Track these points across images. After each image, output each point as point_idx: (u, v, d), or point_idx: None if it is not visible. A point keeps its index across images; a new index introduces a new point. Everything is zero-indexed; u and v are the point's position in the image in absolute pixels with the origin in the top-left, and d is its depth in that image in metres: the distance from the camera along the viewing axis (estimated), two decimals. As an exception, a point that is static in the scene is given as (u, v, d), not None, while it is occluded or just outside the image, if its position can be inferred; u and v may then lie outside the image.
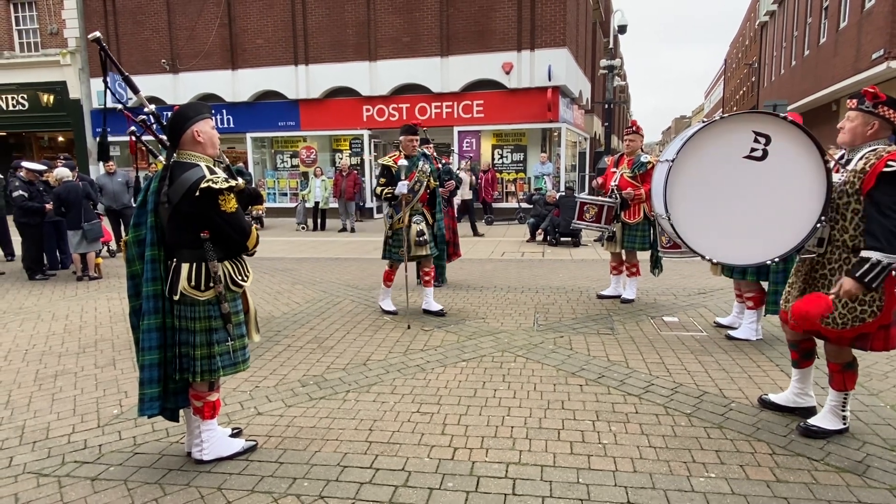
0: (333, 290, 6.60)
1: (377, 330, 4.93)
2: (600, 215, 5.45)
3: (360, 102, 15.94)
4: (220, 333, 2.58)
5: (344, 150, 16.91)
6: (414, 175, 5.00)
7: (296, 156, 17.16)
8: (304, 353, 4.37)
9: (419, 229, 5.02)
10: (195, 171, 2.47)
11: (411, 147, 4.98)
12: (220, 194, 2.43)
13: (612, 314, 5.29)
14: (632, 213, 5.48)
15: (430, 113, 15.46)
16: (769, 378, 3.69)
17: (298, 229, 13.64)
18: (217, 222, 2.48)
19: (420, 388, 3.62)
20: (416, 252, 5.02)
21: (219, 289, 2.55)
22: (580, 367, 3.92)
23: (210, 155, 2.60)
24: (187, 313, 2.57)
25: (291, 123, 16.58)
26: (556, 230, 10.21)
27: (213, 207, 2.45)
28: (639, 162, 5.43)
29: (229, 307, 2.59)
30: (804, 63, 20.18)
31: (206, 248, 2.52)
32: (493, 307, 5.63)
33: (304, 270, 8.06)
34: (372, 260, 8.95)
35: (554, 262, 8.45)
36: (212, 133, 2.60)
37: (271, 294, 6.50)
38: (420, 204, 5.08)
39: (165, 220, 2.54)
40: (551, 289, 6.48)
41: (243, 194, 2.73)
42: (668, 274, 6.94)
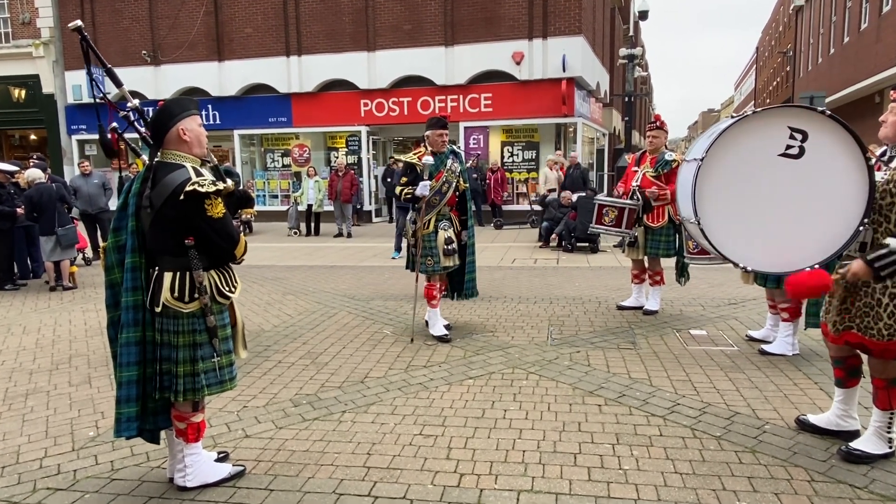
0: (328, 301, 6.61)
1: (376, 344, 4.93)
2: (621, 218, 5.45)
3: (358, 96, 16.04)
4: (205, 349, 2.59)
5: (340, 149, 17.01)
6: (442, 174, 4.79)
7: (287, 154, 17.27)
8: (297, 369, 4.38)
9: (447, 236, 4.82)
10: (180, 173, 2.49)
11: (440, 143, 4.81)
12: (206, 198, 2.45)
13: (634, 327, 5.28)
14: (655, 216, 5.48)
15: (433, 107, 15.53)
16: (807, 397, 3.67)
17: (290, 234, 13.71)
18: (203, 228, 2.49)
19: (423, 408, 3.62)
20: (443, 262, 4.83)
21: (204, 300, 2.56)
22: (598, 385, 3.92)
23: (197, 155, 2.61)
24: (170, 326, 2.58)
25: (283, 119, 16.70)
26: (571, 234, 10.21)
27: (199, 212, 2.46)
28: (663, 160, 5.43)
29: (215, 320, 2.60)
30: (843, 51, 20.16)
31: (190, 255, 2.53)
32: (502, 319, 5.63)
33: (296, 279, 8.08)
34: (370, 268, 8.97)
35: (569, 270, 8.45)
36: (199, 131, 2.61)
37: (260, 305, 6.52)
38: (448, 208, 4.89)
39: (147, 226, 2.56)
40: (567, 299, 6.48)
41: (232, 197, 2.74)
42: (695, 282, 6.92)
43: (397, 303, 6.47)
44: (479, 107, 15.33)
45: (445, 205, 4.86)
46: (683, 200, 3.36)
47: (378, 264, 9.33)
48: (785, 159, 2.95)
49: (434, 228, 4.83)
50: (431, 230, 4.83)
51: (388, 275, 8.32)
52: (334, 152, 17.08)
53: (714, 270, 7.65)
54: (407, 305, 6.33)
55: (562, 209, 10.84)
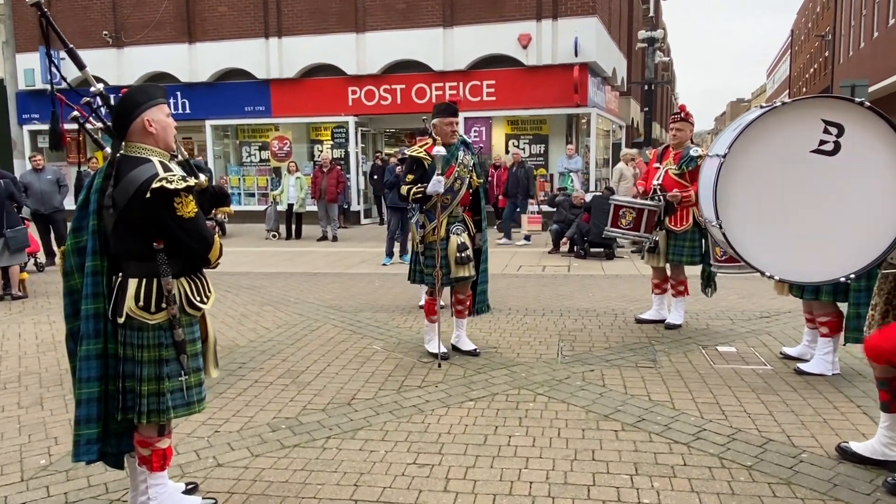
0: (311, 313, 6.61)
1: (364, 362, 4.93)
2: (639, 221, 5.47)
3: (345, 83, 16.08)
4: (171, 366, 2.59)
5: (325, 141, 17.04)
6: (453, 169, 4.65)
7: (266, 148, 17.30)
8: (275, 390, 4.37)
9: (460, 242, 4.66)
10: (146, 168, 2.49)
11: (449, 133, 4.67)
12: (176, 196, 2.45)
13: (655, 343, 5.29)
14: (678, 219, 5.50)
15: (429, 95, 15.58)
16: (849, 422, 3.67)
17: (268, 237, 13.71)
18: (172, 230, 2.50)
19: (417, 433, 3.62)
20: (456, 273, 4.66)
21: (172, 311, 2.56)
22: (615, 408, 3.92)
23: (164, 148, 2.62)
24: (133, 339, 2.57)
25: (260, 108, 16.74)
26: (584, 239, 10.24)
27: (168, 212, 2.46)
28: (687, 156, 5.44)
29: (184, 334, 2.60)
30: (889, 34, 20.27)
31: (158, 260, 2.53)
32: (507, 334, 5.63)
33: (275, 288, 8.08)
34: (358, 276, 8.97)
35: (582, 279, 8.46)
36: (166, 122, 2.62)
37: (234, 317, 6.52)
38: (461, 208, 4.76)
39: (110, 227, 2.56)
40: (579, 311, 6.48)
41: (205, 194, 2.75)
42: (722, 293, 6.93)
43: (388, 315, 6.47)
44: (482, 95, 15.38)
45: (458, 204, 4.76)
46: (705, 201, 3.37)
47: (367, 271, 9.33)
48: (818, 156, 2.96)
49: (445, 233, 4.71)
50: (442, 235, 4.69)
51: (379, 283, 8.32)
52: (318, 145, 17.10)
53: (744, 280, 7.67)
54: (399, 318, 6.33)
55: (573, 210, 10.87)
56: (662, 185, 5.51)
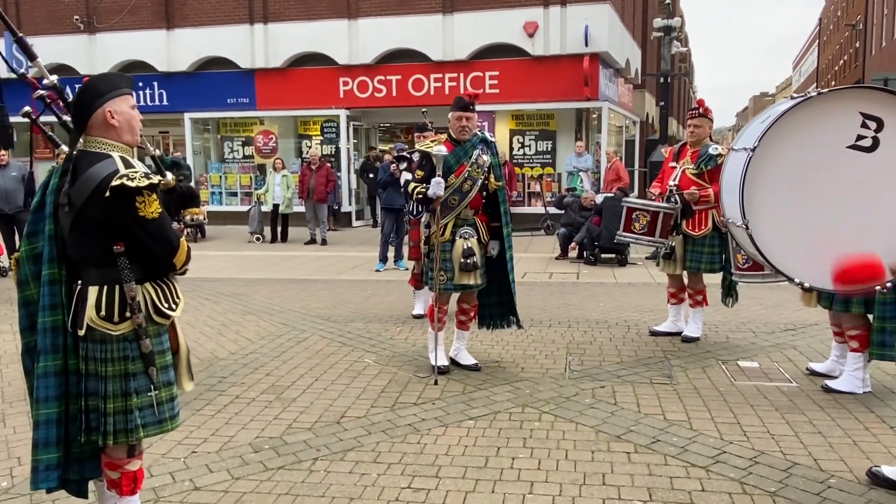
0: (298, 323, 6.61)
1: (356, 376, 4.92)
2: (654, 225, 5.47)
3: (336, 73, 16.11)
4: (139, 380, 2.58)
5: (314, 137, 17.06)
6: (464, 168, 4.70)
7: (250, 143, 17.32)
8: (258, 406, 4.36)
9: (466, 247, 4.70)
10: (105, 164, 2.48)
11: (459, 128, 4.72)
12: (137, 194, 2.44)
13: (671, 357, 5.29)
14: (697, 223, 5.50)
15: (427, 87, 15.62)
16: (881, 445, 3.67)
17: (252, 240, 13.71)
18: (134, 231, 2.49)
19: (413, 455, 3.61)
20: (459, 280, 4.71)
21: (138, 320, 2.55)
22: (627, 428, 3.92)
23: (127, 142, 2.61)
24: (96, 353, 2.56)
25: (244, 100, 16.76)
26: (595, 244, 10.26)
27: (129, 212, 2.45)
28: (706, 154, 5.46)
29: (151, 344, 2.59)
30: (924, 24, 20.32)
31: (119, 265, 2.53)
32: (509, 346, 5.64)
33: (258, 296, 8.07)
34: (349, 283, 8.97)
35: (592, 287, 8.46)
36: (131, 114, 2.61)
37: (214, 327, 6.51)
38: (471, 211, 4.80)
39: (67, 229, 2.55)
40: (588, 322, 6.49)
41: (172, 194, 2.74)
42: (744, 303, 6.93)
43: (382, 325, 6.46)
44: (484, 87, 15.39)
45: (468, 207, 4.77)
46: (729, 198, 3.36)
47: (359, 278, 9.33)
48: (855, 152, 2.95)
49: (451, 236, 4.75)
50: (448, 238, 4.74)
51: (372, 291, 8.31)
52: (307, 141, 17.12)
53: (768, 289, 7.67)
54: (394, 328, 6.33)
55: (583, 212, 10.88)
56: (679, 185, 5.51)
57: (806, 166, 3.03)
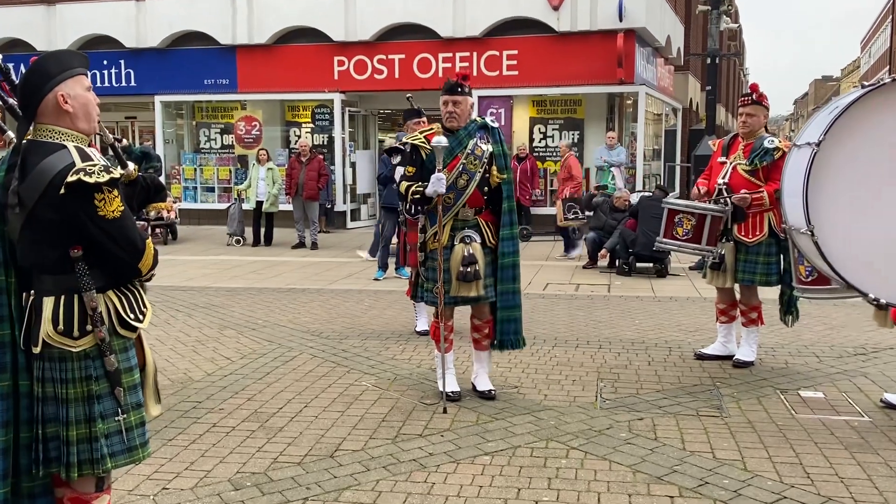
0: (284, 339, 6.61)
1: (352, 402, 4.90)
2: (700, 230, 5.45)
3: (330, 51, 16.17)
4: (105, 402, 2.58)
5: (304, 124, 17.11)
6: (458, 161, 4.70)
7: (230, 131, 17.39)
8: (239, 437, 4.35)
9: (467, 253, 4.69)
10: (59, 157, 2.49)
11: (446, 114, 4.76)
12: (97, 191, 2.45)
13: (720, 385, 5.26)
14: (750, 228, 5.47)
15: (435, 68, 15.65)
16: (970, 491, 3.63)
17: (231, 243, 13.74)
18: (93, 233, 2.50)
19: (418, 495, 3.59)
20: (457, 291, 4.70)
21: (101, 334, 2.55)
22: (670, 468, 3.89)
23: (83, 130, 2.62)
24: (54, 373, 2.56)
25: (224, 82, 16.84)
26: (629, 251, 10.23)
27: (87, 211, 2.46)
28: (761, 148, 5.42)
29: (118, 361, 2.60)
30: None
31: (78, 272, 2.53)
32: (531, 370, 5.61)
33: (238, 307, 8.08)
34: (344, 293, 8.97)
35: (627, 301, 8.43)
36: (86, 97, 2.62)
37: (187, 344, 6.52)
38: (471, 211, 4.79)
39: (16, 233, 2.55)
40: (622, 343, 6.46)
41: (135, 186, 2.75)
42: (806, 322, 6.89)
43: (381, 343, 6.46)
44: (500, 69, 15.43)
45: (467, 206, 4.76)
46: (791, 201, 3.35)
47: (355, 287, 9.33)
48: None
49: (450, 241, 4.74)
50: (446, 243, 4.73)
51: (370, 303, 8.30)
52: (295, 129, 17.17)
53: (834, 306, 7.63)
54: (395, 346, 6.32)
55: (615, 214, 10.86)
56: (729, 184, 5.49)
57: (879, 164, 3.03)
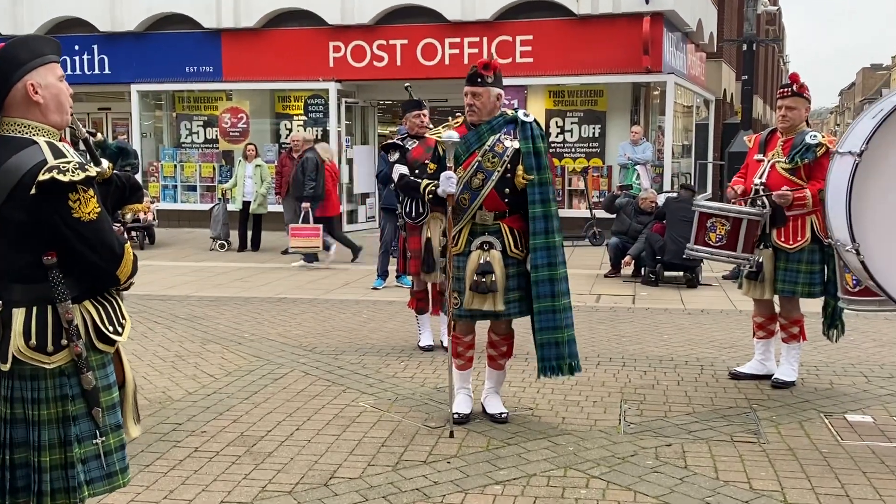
0: (273, 355, 6.63)
1: (348, 425, 4.91)
2: (735, 235, 5.44)
3: (325, 36, 16.20)
4: (82, 424, 2.58)
5: (296, 116, 17.14)
6: (474, 158, 4.74)
7: (214, 124, 17.42)
8: (223, 463, 4.36)
9: (483, 261, 4.71)
10: (29, 154, 2.50)
11: (466, 107, 4.78)
12: (71, 191, 2.46)
13: (758, 407, 5.24)
14: (791, 232, 5.47)
15: (441, 55, 15.67)
16: None
17: (215, 247, 13.77)
18: (67, 237, 2.51)
19: (422, 529, 3.60)
20: (470, 303, 4.73)
21: (77, 349, 2.56)
22: (701, 499, 3.88)
23: (54, 123, 2.64)
24: (25, 393, 2.56)
25: (207, 69, 16.88)
26: (656, 258, 10.22)
27: (61, 213, 2.47)
28: (802, 144, 5.42)
29: (95, 379, 2.60)
30: None
31: (51, 280, 2.54)
32: (546, 390, 5.61)
33: (223, 319, 8.10)
34: (340, 304, 8.99)
35: (654, 314, 8.43)
36: (58, 87, 2.63)
37: (167, 360, 6.53)
38: (489, 215, 4.79)
39: None
40: (649, 360, 6.46)
41: (109, 186, 2.77)
42: (853, 338, 6.88)
43: (381, 359, 6.47)
44: (514, 56, 15.44)
45: (484, 209, 4.76)
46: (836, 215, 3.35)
47: (352, 297, 9.35)
48: None
49: (466, 247, 4.77)
50: (461, 249, 4.77)
51: (368, 315, 8.32)
52: (286, 122, 17.21)
53: (885, 320, 7.61)
54: (396, 363, 6.33)
55: (640, 217, 10.85)
56: (767, 184, 5.49)
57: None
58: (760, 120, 34.18)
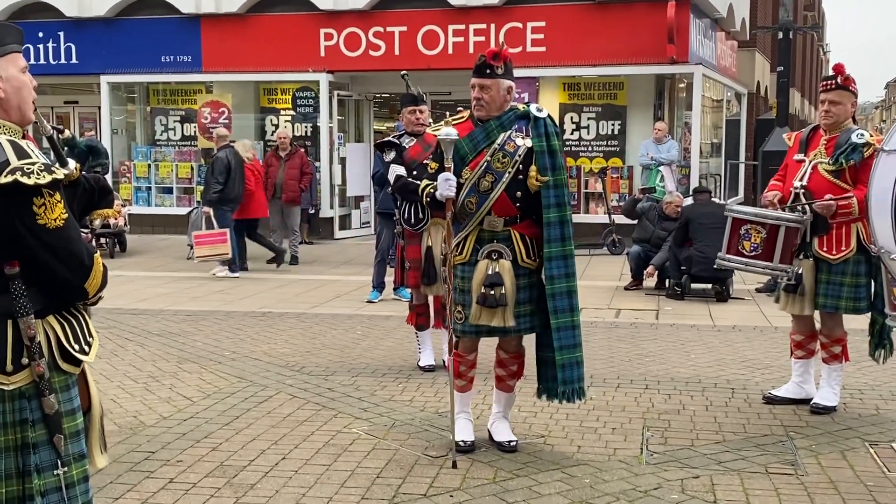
0: (257, 375, 6.62)
1: (340, 454, 4.90)
2: (772, 244, 5.42)
3: (316, 22, 16.24)
4: (42, 453, 2.59)
5: (283, 111, 17.17)
6: (482, 158, 4.73)
7: (192, 119, 17.45)
8: (202, 495, 4.35)
9: (491, 271, 4.72)
10: None
11: (473, 101, 4.77)
12: (36, 195, 2.47)
13: (795, 435, 5.23)
14: (834, 241, 5.45)
15: (444, 43, 15.71)
16: None
17: (192, 256, 13.75)
18: (31, 246, 2.51)
19: (422, 570, 3.59)
20: (477, 317, 4.72)
21: (39, 369, 2.56)
22: (733, 537, 3.87)
23: (17, 121, 2.65)
24: (-17, 416, 2.58)
25: (185, 59, 16.93)
26: (681, 268, 10.20)
27: (24, 219, 2.48)
28: (848, 143, 5.40)
29: (58, 402, 2.60)
30: None
31: (13, 292, 2.54)
32: (560, 415, 5.61)
33: (201, 335, 8.10)
34: (330, 318, 8.99)
35: (679, 331, 8.41)
36: (21, 80, 2.65)
37: (139, 380, 6.53)
38: (499, 220, 4.77)
39: None
40: (674, 382, 6.45)
41: (76, 190, 2.77)
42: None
43: (376, 380, 6.46)
44: (524, 44, 15.46)
45: (493, 213, 4.75)
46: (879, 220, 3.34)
47: (344, 311, 9.36)
48: None
49: (472, 256, 4.77)
50: (467, 258, 4.78)
51: (362, 331, 8.32)
52: (273, 117, 17.23)
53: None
54: (393, 385, 6.33)
55: (665, 223, 10.83)
56: (808, 187, 5.48)
57: None
58: (797, 115, 34.18)
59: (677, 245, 10.15)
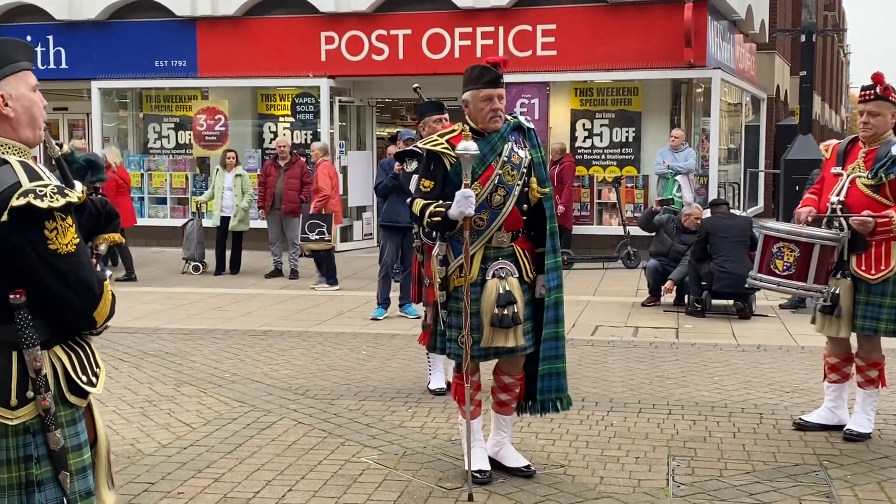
0: (259, 399, 6.61)
1: (349, 485, 4.88)
2: (806, 263, 5.42)
3: (317, 26, 16.29)
4: (47, 491, 2.58)
5: (282, 118, 17.19)
6: (491, 171, 4.76)
7: (188, 126, 17.47)
8: (203, 530, 4.34)
9: (503, 291, 4.72)
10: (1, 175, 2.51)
11: (488, 114, 4.77)
12: (48, 218, 2.47)
13: (829, 464, 5.20)
14: (874, 260, 5.43)
15: (450, 47, 15.74)
16: None
17: (188, 270, 13.79)
18: (40, 272, 2.51)
19: None
20: (490, 340, 4.73)
21: (45, 402, 2.55)
22: (769, 577, 3.84)
23: (27, 140, 2.65)
24: (-15, 453, 2.58)
25: (180, 64, 16.97)
26: (702, 284, 10.17)
27: (35, 244, 2.48)
28: (888, 157, 5.38)
29: (64, 438, 2.60)
30: None
31: (19, 322, 2.54)
32: (580, 443, 5.59)
33: (199, 356, 8.09)
34: (334, 337, 8.98)
35: (701, 351, 8.39)
36: (31, 99, 2.66)
37: (135, 405, 6.52)
38: (507, 235, 4.84)
39: None
40: (699, 407, 6.42)
41: (82, 214, 2.76)
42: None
43: (384, 405, 6.44)
44: (534, 48, 15.49)
45: (502, 229, 4.80)
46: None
47: (348, 329, 9.35)
48: None
49: (480, 275, 4.77)
50: (474, 278, 4.76)
51: (368, 350, 8.30)
52: (271, 124, 17.25)
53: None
54: (403, 410, 6.31)
55: (683, 236, 10.81)
56: (846, 202, 5.46)
57: None
58: (818, 121, 34.18)
59: (697, 260, 10.12)
